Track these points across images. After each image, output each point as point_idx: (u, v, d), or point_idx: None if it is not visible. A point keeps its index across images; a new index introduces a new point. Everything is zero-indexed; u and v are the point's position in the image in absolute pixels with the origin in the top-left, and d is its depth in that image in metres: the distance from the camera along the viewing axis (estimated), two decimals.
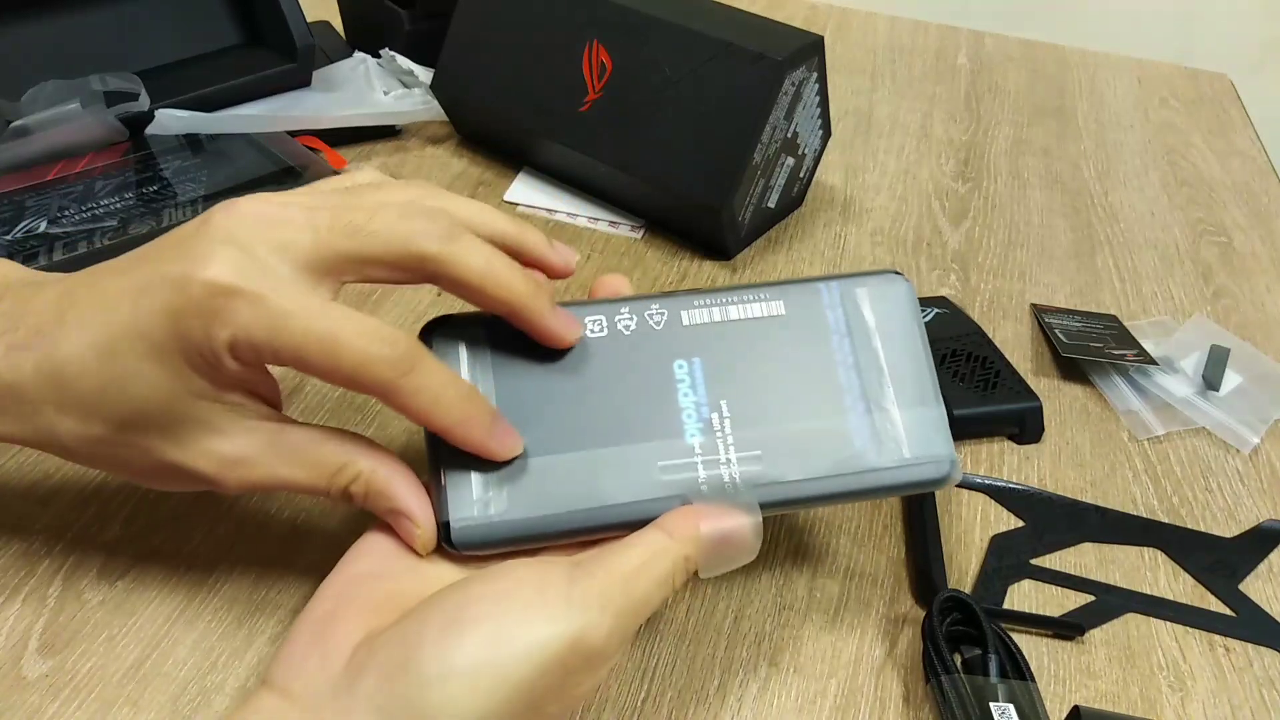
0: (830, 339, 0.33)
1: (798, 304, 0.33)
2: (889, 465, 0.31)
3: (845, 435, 0.31)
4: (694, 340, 0.32)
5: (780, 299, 0.33)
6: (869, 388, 0.32)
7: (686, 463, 0.30)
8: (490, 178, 0.62)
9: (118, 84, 0.55)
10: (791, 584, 0.39)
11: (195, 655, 0.33)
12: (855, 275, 0.34)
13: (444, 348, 0.31)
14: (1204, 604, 0.40)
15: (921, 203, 0.65)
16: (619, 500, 0.30)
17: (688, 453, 0.30)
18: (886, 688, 0.35)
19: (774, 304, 0.33)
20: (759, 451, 0.31)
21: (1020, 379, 0.48)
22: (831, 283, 0.33)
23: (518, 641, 0.25)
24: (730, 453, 0.31)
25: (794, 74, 0.53)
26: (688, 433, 0.31)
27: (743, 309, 0.33)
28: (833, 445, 0.31)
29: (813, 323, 0.33)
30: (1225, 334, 0.55)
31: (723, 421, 0.31)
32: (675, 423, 0.31)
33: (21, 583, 0.35)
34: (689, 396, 0.31)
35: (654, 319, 0.32)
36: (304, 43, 0.61)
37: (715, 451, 0.31)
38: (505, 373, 0.31)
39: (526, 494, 0.30)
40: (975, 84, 0.83)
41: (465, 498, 0.30)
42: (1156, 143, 0.77)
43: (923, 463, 0.31)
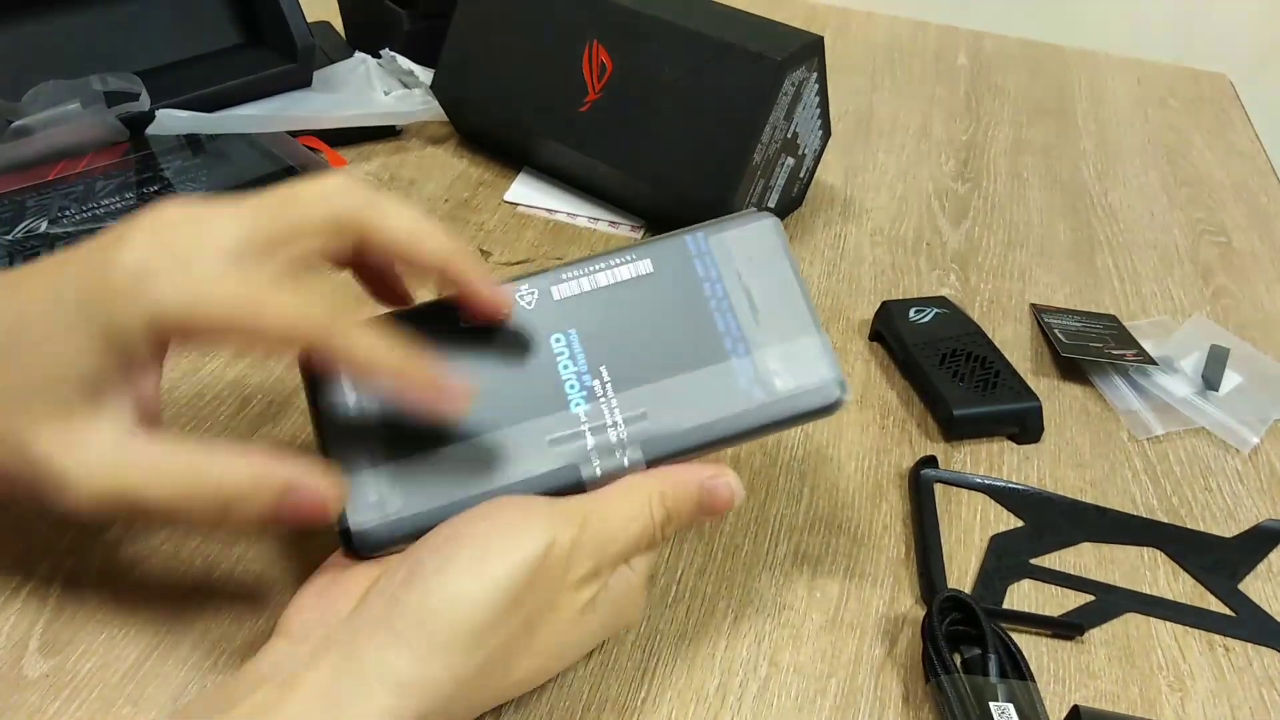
0: (702, 288, 0.33)
1: (665, 260, 0.33)
2: (775, 399, 0.32)
3: (728, 378, 0.32)
4: (568, 313, 0.33)
5: (647, 257, 0.33)
6: (746, 329, 0.32)
7: (574, 432, 0.31)
8: (490, 178, 0.62)
9: (118, 84, 0.55)
10: (791, 584, 0.39)
11: (196, 655, 0.33)
12: (719, 220, 0.34)
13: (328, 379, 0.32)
14: (1204, 604, 0.40)
15: (921, 203, 0.65)
16: (512, 480, 0.30)
17: (574, 422, 0.31)
18: (886, 687, 0.35)
19: (641, 264, 0.33)
20: (644, 410, 0.31)
21: (1020, 379, 0.48)
22: (697, 233, 0.34)
23: (505, 549, 0.27)
24: (616, 415, 0.31)
25: (794, 74, 0.53)
26: (572, 403, 0.31)
27: (611, 274, 0.33)
28: (717, 390, 0.32)
29: (682, 275, 0.33)
30: (1225, 334, 0.55)
31: (605, 387, 0.32)
32: (559, 395, 0.32)
33: (22, 583, 0.35)
34: (570, 368, 0.32)
35: (525, 300, 0.33)
36: (304, 43, 0.61)
37: (601, 417, 0.31)
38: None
39: (421, 488, 0.30)
40: (975, 84, 0.83)
41: (361, 501, 0.30)
42: (1156, 143, 0.77)
43: (809, 391, 0.32)
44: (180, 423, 0.42)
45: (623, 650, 0.36)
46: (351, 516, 0.30)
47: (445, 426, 0.31)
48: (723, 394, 0.32)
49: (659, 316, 0.33)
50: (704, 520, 0.32)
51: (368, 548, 0.30)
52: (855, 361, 0.51)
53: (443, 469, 0.31)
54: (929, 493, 0.43)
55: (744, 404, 0.31)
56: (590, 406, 0.31)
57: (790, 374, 0.32)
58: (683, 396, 0.32)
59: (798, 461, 0.44)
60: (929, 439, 0.46)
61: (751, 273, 0.33)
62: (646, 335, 0.32)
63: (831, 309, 0.54)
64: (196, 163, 0.56)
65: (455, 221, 0.58)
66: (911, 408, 0.48)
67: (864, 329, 0.53)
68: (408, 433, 0.31)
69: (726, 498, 0.31)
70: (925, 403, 0.48)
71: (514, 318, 0.33)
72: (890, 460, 0.45)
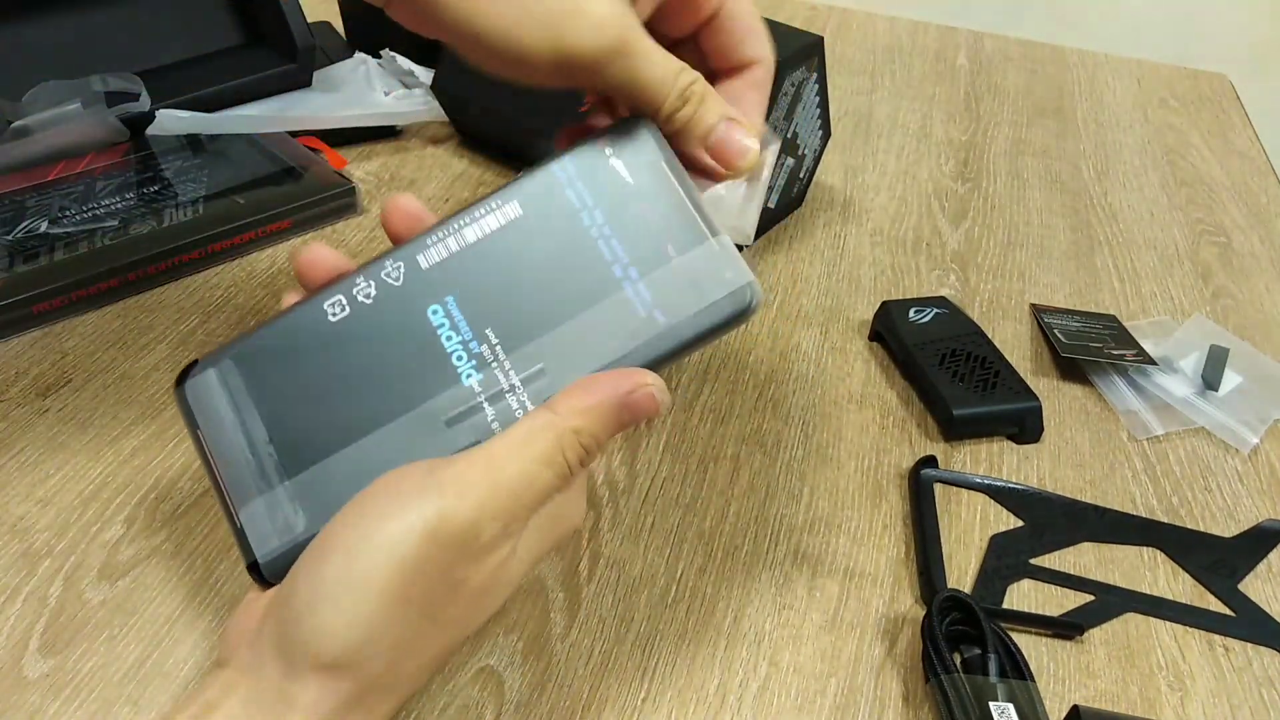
0: (579, 218, 0.30)
1: (534, 197, 0.31)
2: (681, 318, 0.29)
3: (625, 309, 0.29)
4: (440, 280, 0.30)
5: (514, 199, 0.31)
6: (635, 252, 0.30)
7: (470, 407, 0.29)
8: (490, 178, 0.62)
9: (118, 84, 0.55)
10: (791, 584, 0.39)
11: (196, 655, 0.33)
12: (589, 138, 0.31)
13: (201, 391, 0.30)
14: (1203, 604, 0.40)
15: (921, 203, 0.65)
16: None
17: (469, 396, 0.29)
18: (886, 687, 0.35)
19: (509, 208, 0.31)
20: (540, 365, 0.29)
21: (1020, 379, 0.48)
22: (563, 158, 0.31)
23: (371, 548, 0.25)
24: (512, 378, 0.29)
25: (793, 74, 0.53)
26: (463, 375, 0.29)
27: (479, 227, 0.30)
28: (615, 325, 0.29)
29: (556, 210, 0.30)
30: (1224, 334, 0.55)
31: (494, 350, 0.29)
32: (447, 371, 0.29)
33: (22, 583, 0.35)
34: (454, 338, 0.29)
35: (391, 276, 0.30)
36: (305, 43, 0.61)
37: (497, 383, 0.29)
38: (267, 396, 0.29)
39: (320, 501, 0.28)
40: (975, 84, 0.83)
41: (264, 530, 0.28)
42: (1156, 143, 0.77)
43: (716, 301, 0.29)
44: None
45: (623, 650, 0.36)
46: (258, 550, 0.28)
47: (333, 431, 0.29)
48: (622, 327, 0.29)
49: (538, 261, 0.30)
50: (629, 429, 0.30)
51: (275, 573, 0.27)
52: (855, 361, 0.51)
53: (339, 476, 0.28)
54: (929, 492, 0.43)
55: (648, 332, 0.29)
56: (483, 375, 0.29)
57: (692, 288, 0.29)
58: (580, 341, 0.29)
59: (798, 461, 0.44)
60: (929, 439, 0.46)
61: (632, 190, 0.30)
62: (529, 284, 0.30)
63: (831, 309, 0.54)
64: (197, 163, 0.56)
65: None
66: (911, 408, 0.48)
67: (864, 329, 0.53)
68: (295, 446, 0.29)
69: (651, 408, 0.28)
70: (925, 403, 0.48)
71: (383, 299, 0.30)
72: (890, 460, 0.45)
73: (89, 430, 0.41)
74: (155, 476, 0.40)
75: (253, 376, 0.29)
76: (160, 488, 0.39)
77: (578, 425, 0.27)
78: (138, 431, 0.42)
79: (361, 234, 0.56)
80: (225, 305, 0.49)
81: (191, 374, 0.30)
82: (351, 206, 0.57)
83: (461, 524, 0.25)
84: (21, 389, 0.43)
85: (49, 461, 0.40)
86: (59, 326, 0.47)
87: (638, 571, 0.39)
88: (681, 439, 0.45)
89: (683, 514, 0.41)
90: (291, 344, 0.29)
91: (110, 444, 0.41)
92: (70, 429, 0.41)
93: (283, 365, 0.29)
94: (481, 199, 0.31)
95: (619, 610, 0.37)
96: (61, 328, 0.47)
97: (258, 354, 0.30)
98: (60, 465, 0.40)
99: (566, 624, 0.36)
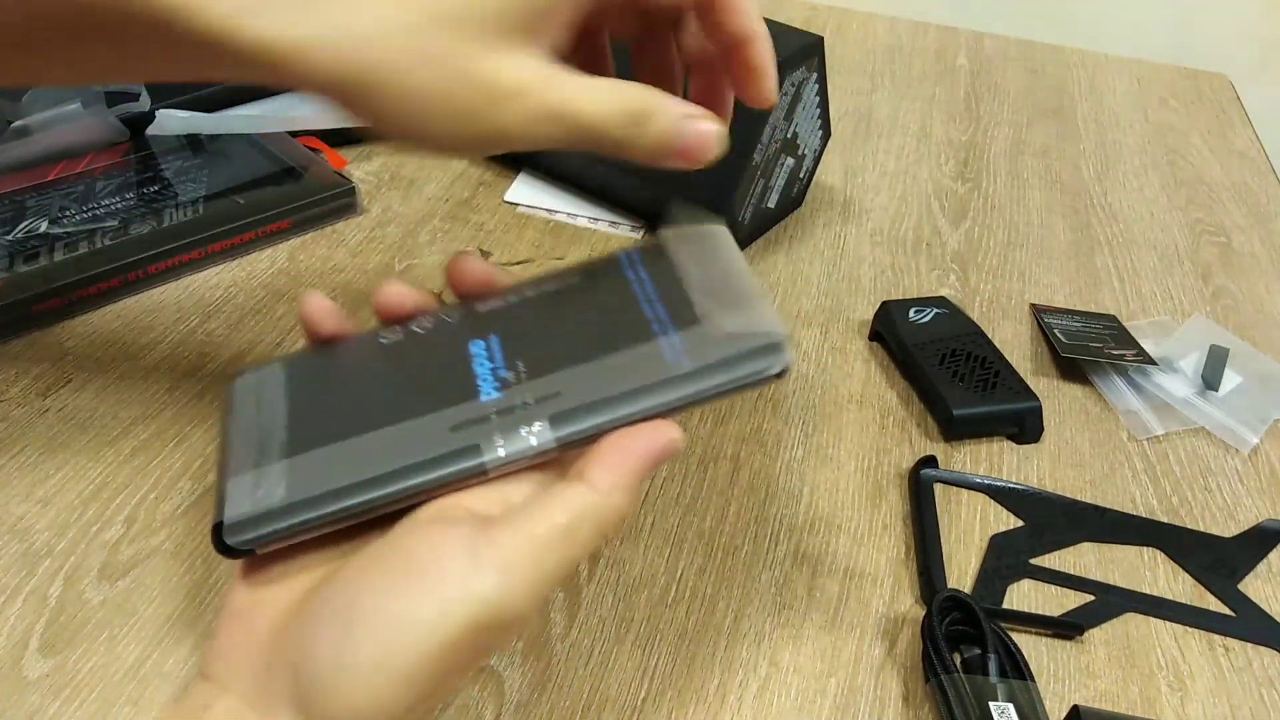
0: (629, 286, 0.32)
1: (595, 271, 0.33)
2: (710, 362, 0.29)
3: (653, 353, 0.29)
4: (490, 321, 0.32)
5: (580, 272, 0.33)
6: (675, 309, 0.31)
7: (478, 417, 0.29)
8: (490, 178, 0.62)
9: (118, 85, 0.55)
10: (791, 584, 0.39)
11: (196, 655, 0.33)
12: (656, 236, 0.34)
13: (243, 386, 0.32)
14: (1203, 604, 0.40)
15: (921, 203, 0.65)
16: (404, 462, 0.28)
17: (481, 409, 0.29)
18: (886, 687, 0.35)
19: (571, 278, 0.33)
20: (557, 389, 0.29)
21: (1020, 379, 0.48)
22: (630, 248, 0.34)
23: (409, 636, 0.24)
24: (527, 397, 0.29)
25: (794, 74, 0.53)
26: (483, 394, 0.29)
27: (538, 288, 0.33)
28: (639, 364, 0.29)
29: (610, 280, 0.33)
30: (1224, 334, 0.55)
31: (520, 376, 0.30)
32: (470, 388, 0.30)
33: (23, 582, 0.35)
34: (485, 365, 0.30)
35: (449, 315, 0.33)
36: None
37: (511, 401, 0.29)
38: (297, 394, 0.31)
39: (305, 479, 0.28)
40: (975, 84, 0.83)
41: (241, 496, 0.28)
42: (1156, 143, 0.77)
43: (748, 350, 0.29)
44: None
45: (623, 650, 0.36)
46: (226, 512, 0.28)
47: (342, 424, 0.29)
48: (645, 366, 0.29)
49: (584, 315, 0.32)
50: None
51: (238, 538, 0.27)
52: (855, 361, 0.51)
53: (333, 460, 0.29)
54: (929, 492, 0.43)
55: (667, 372, 0.29)
56: (502, 395, 0.29)
57: (724, 341, 0.29)
58: (601, 374, 0.29)
59: (797, 461, 0.44)
60: (929, 439, 0.46)
61: (682, 270, 0.32)
62: (569, 331, 0.31)
63: (831, 309, 0.54)
64: (197, 163, 0.56)
65: (455, 221, 0.58)
66: (911, 408, 0.48)
67: (864, 329, 0.53)
68: (303, 435, 0.29)
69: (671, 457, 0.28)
70: (925, 403, 0.48)
71: (435, 331, 0.32)
72: (890, 460, 0.45)
73: (89, 430, 0.41)
74: (155, 476, 0.40)
75: (293, 379, 0.32)
76: (160, 488, 0.39)
77: (618, 502, 0.27)
78: (138, 431, 0.42)
79: (361, 234, 0.56)
80: (225, 305, 0.49)
81: (242, 374, 0.32)
82: (351, 206, 0.57)
83: (508, 615, 0.25)
84: (22, 389, 0.43)
85: (49, 461, 0.40)
86: (59, 326, 0.47)
87: (637, 571, 0.39)
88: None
89: (683, 514, 0.41)
90: (337, 358, 0.32)
91: (110, 444, 0.41)
92: (70, 429, 0.41)
93: (321, 371, 0.32)
94: (552, 271, 0.34)
95: (619, 610, 0.37)
96: (61, 328, 0.47)
97: (305, 362, 0.32)
98: (60, 465, 0.40)
99: (566, 624, 0.36)
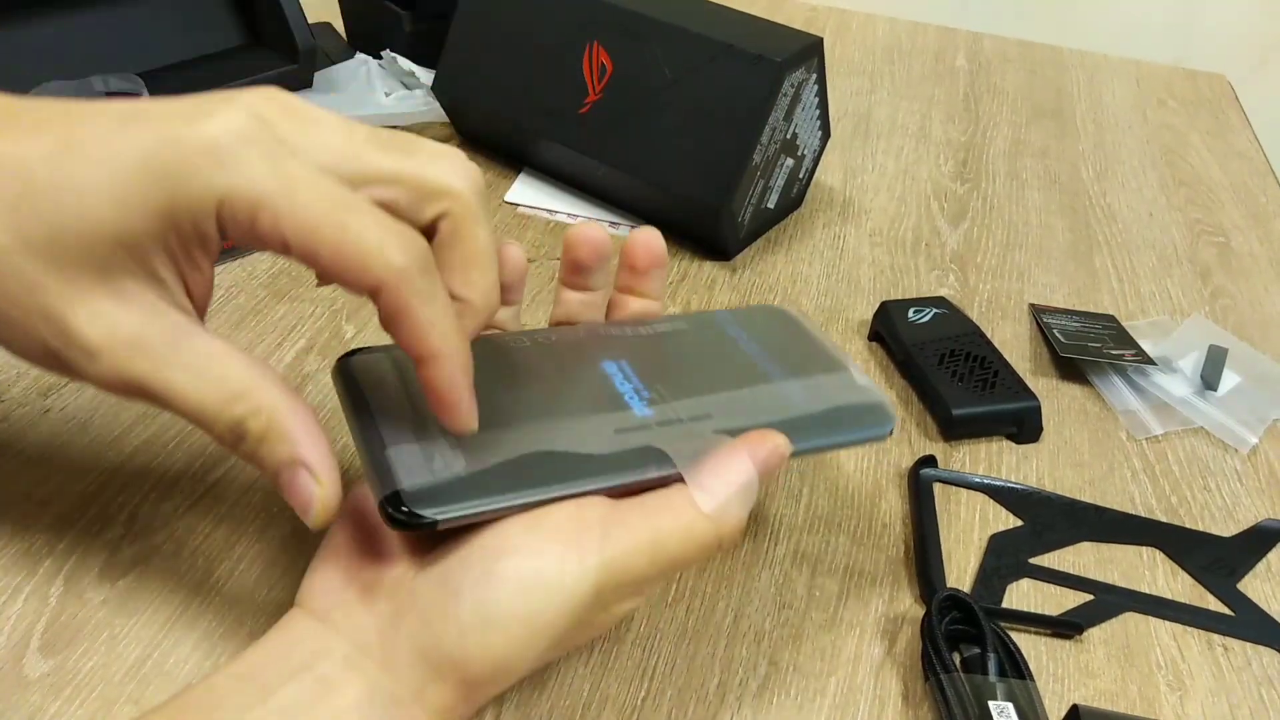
0: (737, 343, 0.36)
1: (696, 323, 0.36)
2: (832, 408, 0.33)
3: (780, 392, 0.33)
4: (614, 346, 0.34)
5: (681, 320, 0.36)
6: (786, 367, 0.34)
7: (641, 424, 0.30)
8: (491, 178, 0.62)
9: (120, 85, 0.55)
10: (791, 583, 0.39)
11: (197, 655, 0.33)
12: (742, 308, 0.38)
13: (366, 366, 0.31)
14: (1202, 603, 0.40)
15: (920, 203, 0.65)
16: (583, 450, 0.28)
17: (640, 420, 0.31)
18: (886, 686, 0.36)
19: (677, 323, 0.36)
20: (708, 411, 0.31)
21: (1019, 378, 0.48)
22: (722, 310, 0.38)
23: (549, 593, 0.26)
24: (681, 414, 0.31)
25: (793, 75, 0.53)
26: (635, 408, 0.31)
27: (649, 327, 0.35)
28: (772, 401, 0.33)
29: (715, 333, 0.36)
30: (1223, 334, 0.55)
31: (663, 396, 0.32)
32: (621, 403, 0.31)
33: (23, 582, 0.35)
34: (626, 384, 0.32)
35: (569, 336, 0.34)
36: (305, 44, 0.61)
37: (668, 416, 0.31)
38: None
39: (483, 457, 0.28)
40: (974, 85, 0.83)
41: (413, 465, 0.27)
42: (1155, 143, 0.77)
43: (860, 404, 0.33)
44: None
45: (623, 650, 0.36)
46: (404, 479, 0.26)
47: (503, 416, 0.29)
48: (780, 404, 0.32)
49: (703, 355, 0.35)
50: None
51: (429, 513, 0.26)
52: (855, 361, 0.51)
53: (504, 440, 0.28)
54: (928, 492, 0.43)
55: (803, 410, 0.32)
56: (654, 410, 0.31)
57: (845, 392, 0.34)
58: (742, 404, 0.32)
59: (797, 461, 0.44)
60: (928, 439, 0.46)
61: (781, 336, 0.36)
62: (695, 366, 0.34)
63: (831, 309, 0.54)
64: None
65: None
66: (911, 408, 0.48)
67: (863, 329, 0.53)
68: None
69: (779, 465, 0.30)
70: (924, 402, 0.48)
71: (564, 345, 0.33)
72: (890, 460, 0.45)
73: (89, 430, 0.41)
74: (155, 476, 0.40)
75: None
76: (160, 488, 0.39)
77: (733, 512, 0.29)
78: (138, 431, 0.42)
79: None
80: (225, 305, 0.49)
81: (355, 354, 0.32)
82: None
83: (619, 588, 0.27)
84: (22, 389, 0.43)
85: (49, 461, 0.40)
86: None
87: None
88: None
89: None
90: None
91: (110, 444, 0.41)
92: (70, 429, 0.41)
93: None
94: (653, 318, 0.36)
95: None
96: None
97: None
98: (60, 465, 0.40)
99: None
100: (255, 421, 0.26)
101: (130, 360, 0.25)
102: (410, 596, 0.27)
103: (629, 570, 0.27)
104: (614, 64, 0.55)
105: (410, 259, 0.25)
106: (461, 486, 0.27)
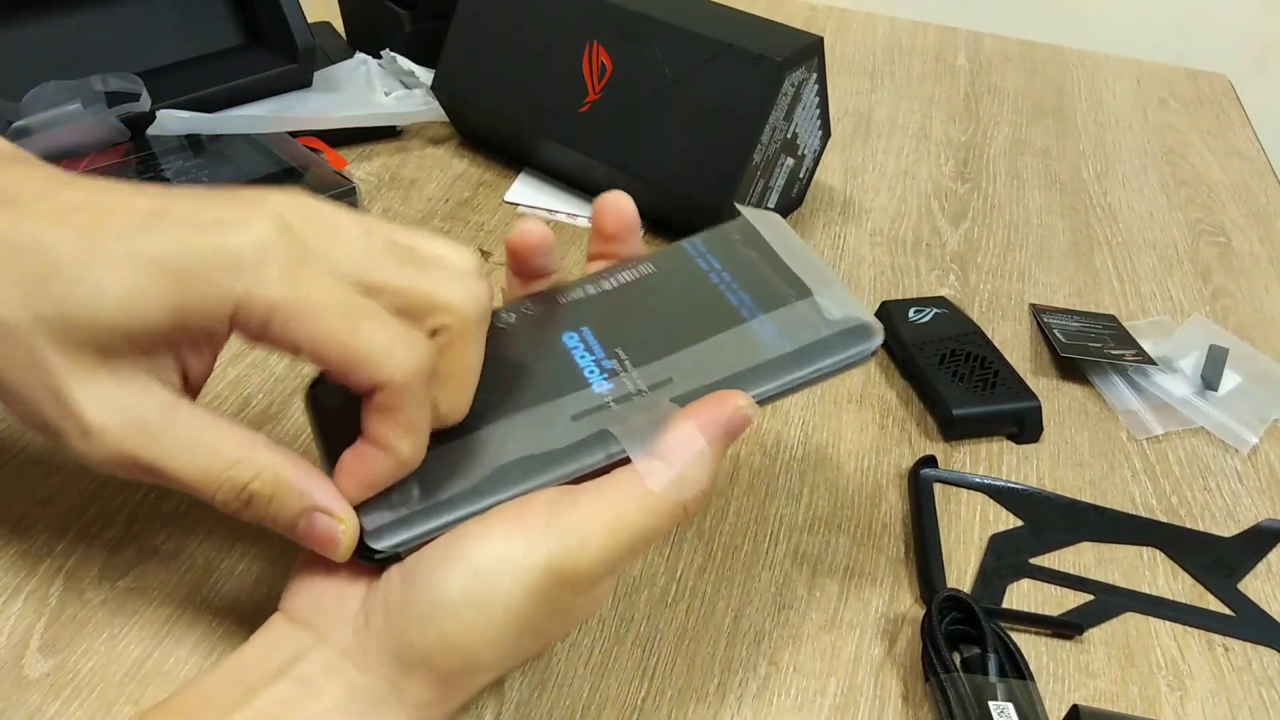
0: (708, 277, 0.33)
1: (665, 261, 0.34)
2: (806, 344, 0.30)
3: (751, 337, 0.31)
4: (576, 314, 0.33)
5: (648, 262, 0.34)
6: (760, 299, 0.32)
7: (598, 405, 0.30)
8: (491, 178, 0.62)
9: (119, 84, 0.55)
10: (791, 583, 0.39)
11: (196, 655, 0.33)
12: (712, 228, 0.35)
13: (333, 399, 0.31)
14: (1203, 603, 0.40)
15: (921, 203, 0.65)
16: (536, 450, 0.29)
17: (597, 399, 0.30)
18: (886, 686, 0.36)
19: (642, 267, 0.34)
20: (669, 375, 0.30)
21: (1019, 379, 0.48)
22: (692, 238, 0.35)
23: (496, 574, 0.26)
24: (640, 384, 0.30)
25: (794, 75, 0.53)
26: (594, 385, 0.30)
27: (614, 279, 0.34)
28: (742, 348, 0.31)
29: (685, 270, 0.34)
30: (1224, 334, 0.55)
31: (624, 363, 0.31)
32: (579, 380, 0.31)
33: (23, 582, 0.35)
34: (586, 357, 0.31)
35: (528, 309, 0.33)
36: (305, 44, 0.61)
37: (625, 389, 0.30)
38: None
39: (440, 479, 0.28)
40: (974, 85, 0.83)
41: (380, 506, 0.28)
42: (1155, 143, 0.77)
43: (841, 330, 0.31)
44: None
45: (623, 650, 0.36)
46: (365, 520, 0.28)
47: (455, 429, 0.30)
48: (748, 350, 0.31)
49: (669, 303, 0.33)
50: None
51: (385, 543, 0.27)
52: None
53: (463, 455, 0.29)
54: (928, 492, 0.43)
55: (773, 353, 0.30)
56: (613, 384, 0.30)
57: (815, 322, 0.31)
58: (707, 359, 0.31)
59: (797, 461, 0.44)
60: (928, 439, 0.46)
61: (756, 259, 0.34)
62: (659, 319, 0.32)
63: None
64: (197, 163, 0.56)
65: (455, 221, 0.58)
66: (911, 408, 0.48)
67: None
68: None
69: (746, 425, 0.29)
70: (925, 403, 0.48)
71: (521, 326, 0.33)
72: (890, 460, 0.45)
73: None
74: None
75: None
76: (160, 488, 0.39)
77: (695, 475, 0.28)
78: None
79: None
80: None
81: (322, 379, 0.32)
82: (352, 206, 0.57)
83: (581, 571, 0.27)
84: None
85: (49, 461, 0.40)
86: None
87: (637, 571, 0.39)
88: None
89: None
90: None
91: None
92: None
93: None
94: (618, 264, 0.34)
95: (619, 610, 0.37)
96: None
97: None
98: (61, 465, 0.40)
99: None
100: (261, 483, 0.27)
101: (125, 438, 0.26)
102: (379, 596, 0.28)
103: (586, 545, 0.26)
104: (614, 63, 0.55)
105: (414, 369, 0.26)
106: (420, 514, 0.28)
